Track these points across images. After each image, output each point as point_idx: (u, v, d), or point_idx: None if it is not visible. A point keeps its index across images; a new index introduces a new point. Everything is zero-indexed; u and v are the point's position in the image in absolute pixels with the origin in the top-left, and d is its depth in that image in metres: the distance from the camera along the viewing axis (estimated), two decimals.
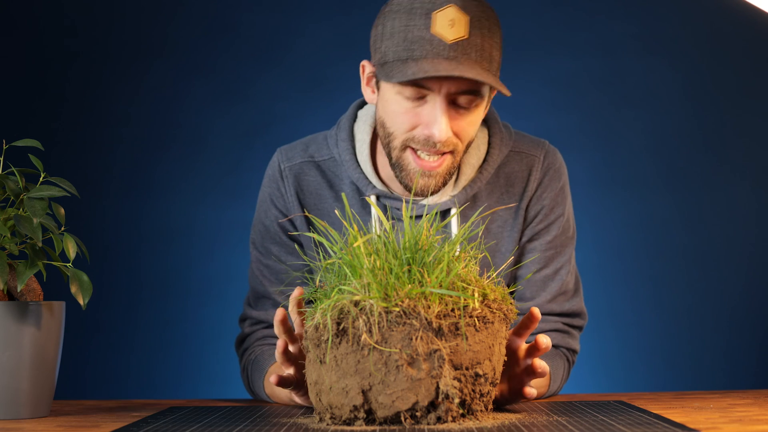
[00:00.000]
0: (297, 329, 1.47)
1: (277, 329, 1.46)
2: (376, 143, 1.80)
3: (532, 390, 1.48)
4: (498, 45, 1.64)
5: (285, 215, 1.82)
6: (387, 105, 1.66)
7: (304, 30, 3.37)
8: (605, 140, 3.41)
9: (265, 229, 1.84)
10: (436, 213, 1.69)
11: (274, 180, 1.84)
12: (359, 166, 1.78)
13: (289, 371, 1.50)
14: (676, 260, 3.39)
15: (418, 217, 1.74)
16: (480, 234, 1.68)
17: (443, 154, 1.65)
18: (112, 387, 3.27)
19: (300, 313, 1.44)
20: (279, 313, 1.45)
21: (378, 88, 1.69)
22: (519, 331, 1.49)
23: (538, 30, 3.41)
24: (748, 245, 3.37)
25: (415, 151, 1.66)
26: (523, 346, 1.50)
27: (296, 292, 1.43)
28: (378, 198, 1.76)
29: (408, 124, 1.64)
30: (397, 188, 1.78)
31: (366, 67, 1.73)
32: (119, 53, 3.33)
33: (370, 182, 1.77)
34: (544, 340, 1.47)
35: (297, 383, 1.51)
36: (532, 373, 1.48)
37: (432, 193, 1.70)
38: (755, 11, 2.74)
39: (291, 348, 1.48)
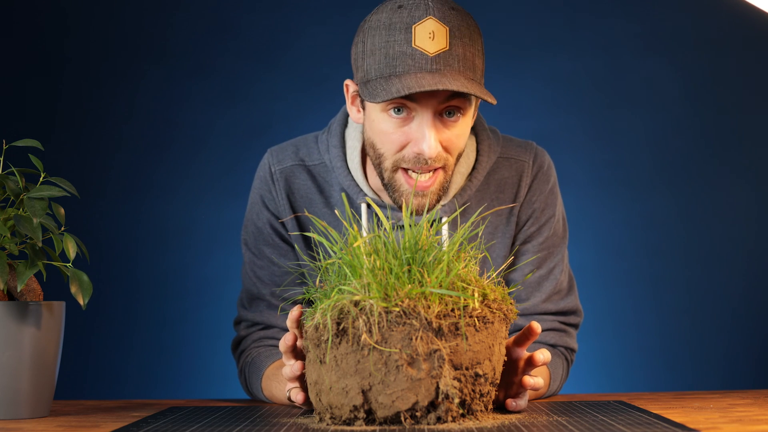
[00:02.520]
0: (298, 345, 1.47)
1: (283, 349, 1.48)
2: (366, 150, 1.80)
3: (517, 403, 1.47)
4: (480, 52, 1.63)
5: (276, 217, 1.82)
6: (374, 125, 1.65)
7: (304, 30, 3.37)
8: (605, 140, 3.41)
9: (257, 231, 1.84)
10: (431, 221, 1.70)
11: (265, 182, 1.84)
12: (350, 173, 1.77)
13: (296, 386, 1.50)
14: (676, 260, 3.38)
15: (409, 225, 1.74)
16: (480, 235, 1.68)
17: (435, 170, 1.64)
18: (112, 387, 3.27)
19: (300, 331, 1.45)
20: (289, 337, 1.46)
21: (363, 108, 1.69)
22: (519, 340, 1.49)
23: (538, 30, 3.41)
24: (748, 245, 3.37)
25: (406, 171, 1.65)
26: (523, 355, 1.50)
27: (295, 313, 1.43)
28: (368, 206, 1.76)
29: (397, 144, 1.63)
30: (387, 197, 1.77)
31: (350, 87, 1.71)
32: (119, 53, 3.33)
33: (361, 190, 1.76)
34: (540, 357, 1.47)
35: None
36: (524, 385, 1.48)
37: (428, 210, 1.68)
38: (755, 11, 2.74)
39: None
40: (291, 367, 1.46)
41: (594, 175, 3.39)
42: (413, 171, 1.64)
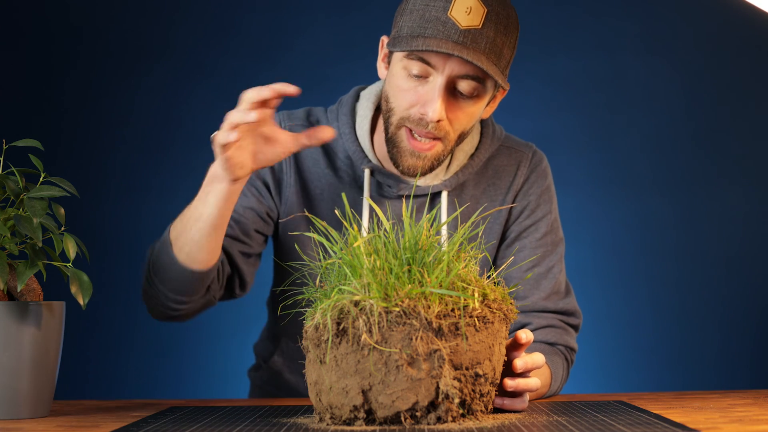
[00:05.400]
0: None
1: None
2: (376, 122, 1.83)
3: (504, 402, 1.46)
4: (511, 44, 1.68)
5: (273, 170, 1.83)
6: (393, 79, 1.70)
7: (304, 30, 3.37)
8: (604, 140, 3.41)
9: None
10: (427, 195, 1.76)
11: None
12: (357, 139, 1.81)
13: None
14: (674, 260, 3.39)
15: (408, 196, 1.78)
16: (480, 234, 1.69)
17: (435, 139, 1.68)
18: (112, 387, 3.27)
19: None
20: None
21: (389, 63, 1.73)
22: (513, 346, 1.48)
23: (538, 29, 3.41)
24: (746, 246, 3.37)
25: (410, 131, 1.69)
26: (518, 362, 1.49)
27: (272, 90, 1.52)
28: (372, 173, 1.79)
29: (408, 101, 1.67)
30: (391, 167, 1.80)
31: (384, 42, 1.76)
32: (119, 53, 3.33)
33: (366, 156, 1.80)
34: (519, 363, 1.46)
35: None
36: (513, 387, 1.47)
37: (421, 175, 1.72)
38: (755, 11, 2.74)
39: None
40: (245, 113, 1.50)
41: (592, 176, 3.39)
42: (416, 133, 1.68)
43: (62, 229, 1.49)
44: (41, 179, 1.49)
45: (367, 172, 1.79)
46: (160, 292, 1.72)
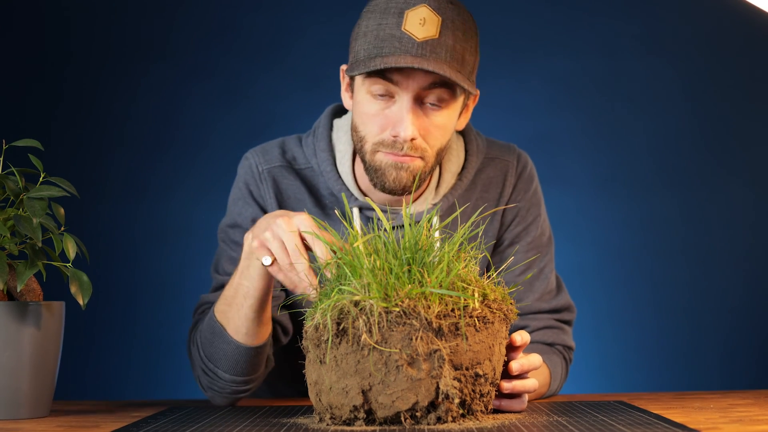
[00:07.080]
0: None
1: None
2: (356, 154, 1.77)
3: (501, 403, 1.45)
4: (472, 49, 1.63)
5: (264, 211, 1.78)
6: (359, 106, 1.66)
7: (304, 30, 3.37)
8: (605, 140, 3.41)
9: (237, 226, 1.79)
10: (417, 220, 1.68)
11: (253, 179, 1.79)
12: (340, 177, 1.76)
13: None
14: (676, 260, 3.38)
15: (401, 226, 1.70)
16: (480, 235, 1.68)
17: (412, 158, 1.64)
18: (112, 387, 3.27)
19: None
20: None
21: (353, 91, 1.69)
22: (510, 347, 1.48)
23: (538, 30, 3.41)
24: (748, 245, 3.37)
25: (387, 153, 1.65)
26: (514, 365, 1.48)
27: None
28: (360, 210, 1.75)
29: (377, 126, 1.63)
30: (377, 199, 1.76)
31: (344, 71, 1.72)
32: (119, 53, 3.33)
33: (353, 194, 1.75)
34: (515, 365, 1.45)
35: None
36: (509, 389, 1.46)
37: (404, 190, 1.66)
38: (755, 11, 2.73)
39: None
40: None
41: (594, 176, 3.39)
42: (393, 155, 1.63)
43: (62, 229, 1.49)
44: (41, 179, 1.49)
45: (356, 210, 1.74)
46: (227, 382, 1.65)
